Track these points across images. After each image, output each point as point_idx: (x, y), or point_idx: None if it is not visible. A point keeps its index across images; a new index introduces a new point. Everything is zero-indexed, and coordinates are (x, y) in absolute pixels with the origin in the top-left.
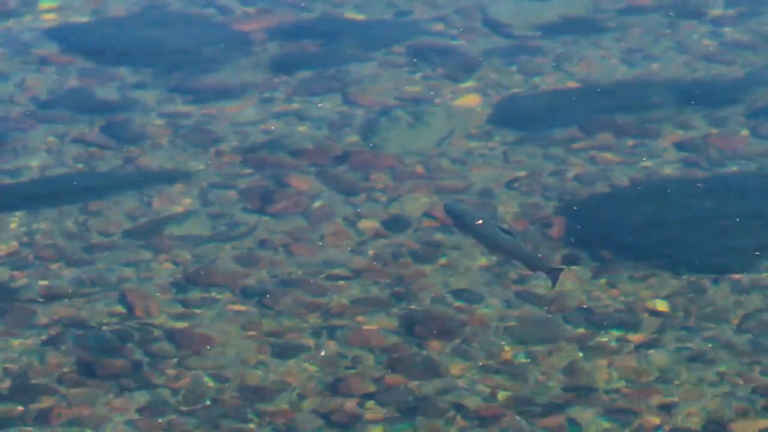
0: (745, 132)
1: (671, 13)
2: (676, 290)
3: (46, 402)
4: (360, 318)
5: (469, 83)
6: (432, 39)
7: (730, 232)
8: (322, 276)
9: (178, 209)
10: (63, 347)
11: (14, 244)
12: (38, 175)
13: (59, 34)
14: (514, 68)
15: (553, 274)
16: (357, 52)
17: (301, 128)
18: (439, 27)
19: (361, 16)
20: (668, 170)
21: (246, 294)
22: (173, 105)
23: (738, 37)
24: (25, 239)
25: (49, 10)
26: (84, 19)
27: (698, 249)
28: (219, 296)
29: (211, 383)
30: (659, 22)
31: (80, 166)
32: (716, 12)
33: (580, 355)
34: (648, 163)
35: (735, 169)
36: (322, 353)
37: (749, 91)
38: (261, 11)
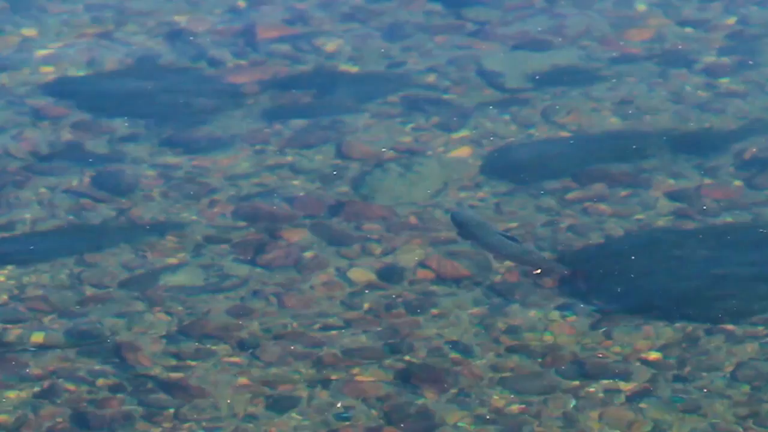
0: (738, 182)
1: (663, 62)
2: (670, 340)
3: None
4: (354, 370)
5: (462, 134)
6: (425, 90)
7: (723, 282)
8: (315, 327)
9: (172, 261)
10: (57, 399)
11: (4, 297)
12: (30, 228)
13: (54, 87)
14: (506, 118)
15: (556, 274)
16: (350, 103)
17: (294, 180)
18: (432, 78)
19: (354, 68)
20: (661, 221)
21: (239, 346)
22: (165, 157)
23: (731, 87)
24: (16, 292)
25: (46, 63)
26: (79, 72)
27: (692, 299)
28: (213, 347)
29: None
30: (651, 71)
31: (72, 218)
32: (710, 59)
33: (573, 404)
34: (641, 215)
35: (729, 219)
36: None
37: (742, 141)
38: (253, 63)
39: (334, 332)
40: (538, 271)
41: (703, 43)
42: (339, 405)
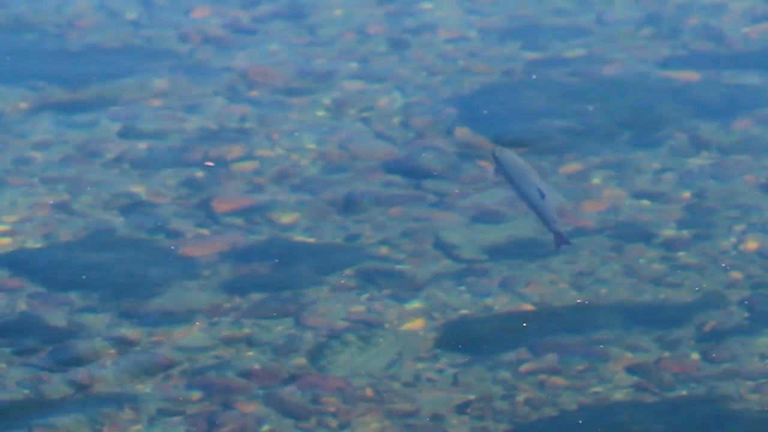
0: (695, 356)
1: (619, 235)
2: None
3: None
4: None
5: (416, 305)
6: (381, 263)
7: None
8: None
9: None
10: None
11: None
12: None
13: (8, 260)
14: (462, 289)
15: (561, 241)
16: (307, 275)
17: (250, 352)
18: (388, 250)
19: (311, 239)
20: (619, 395)
21: None
22: (122, 329)
23: (688, 260)
24: None
25: (3, 234)
26: (35, 245)
27: None
28: None
29: None
30: (606, 244)
31: (26, 391)
32: (667, 233)
33: None
34: (598, 388)
35: (685, 393)
36: None
37: (699, 315)
38: (211, 234)
39: None
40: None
41: (659, 216)
42: None
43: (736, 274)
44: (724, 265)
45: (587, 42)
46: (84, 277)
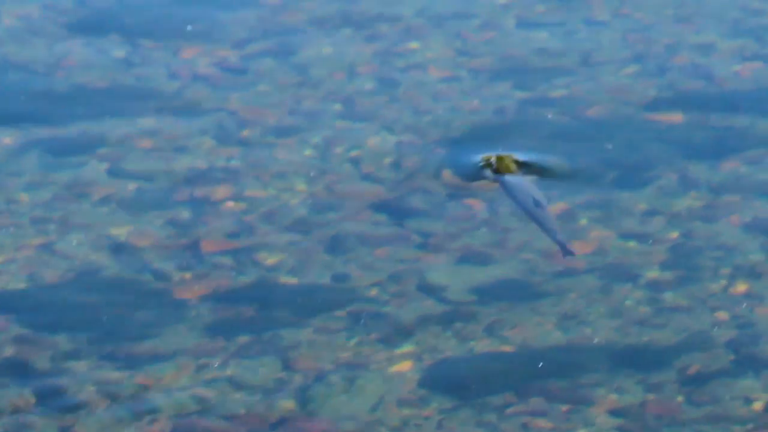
0: (680, 398)
1: (605, 276)
2: None
3: None
4: None
5: (404, 348)
6: (368, 304)
7: None
8: None
9: None
10: None
11: None
12: None
13: None
14: (449, 333)
15: (566, 252)
16: (294, 317)
17: (236, 394)
18: (375, 292)
19: (297, 280)
20: None
21: None
22: (107, 372)
23: (674, 302)
24: None
25: None
26: (20, 286)
27: None
28: None
29: None
30: (593, 285)
31: None
32: (653, 274)
33: None
34: (583, 431)
35: None
36: None
37: (685, 357)
38: (197, 276)
39: None
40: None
41: (645, 257)
42: None
43: (723, 315)
44: (710, 306)
45: (573, 81)
46: (70, 318)
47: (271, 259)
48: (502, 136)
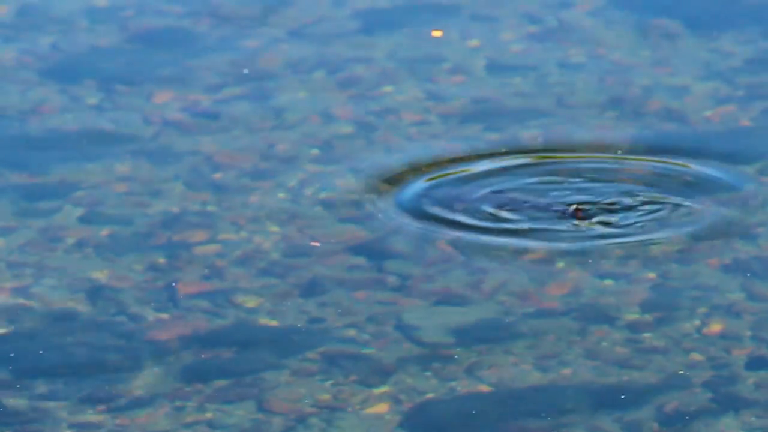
0: None
1: (582, 318)
2: None
3: None
4: None
5: (382, 390)
6: (344, 346)
7: None
8: None
9: None
10: None
11: None
12: None
13: None
14: (427, 374)
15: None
16: (270, 359)
17: None
18: (352, 333)
19: (274, 322)
20: None
21: None
22: (85, 415)
23: (652, 343)
24: None
25: None
26: (1, 330)
27: None
28: None
29: None
30: (570, 327)
31: None
32: (630, 316)
33: None
34: None
35: None
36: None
37: (662, 396)
38: (173, 318)
39: None
40: None
41: (622, 298)
42: None
43: (699, 357)
44: (687, 347)
45: (548, 123)
46: (47, 362)
47: (248, 302)
48: (475, 179)
